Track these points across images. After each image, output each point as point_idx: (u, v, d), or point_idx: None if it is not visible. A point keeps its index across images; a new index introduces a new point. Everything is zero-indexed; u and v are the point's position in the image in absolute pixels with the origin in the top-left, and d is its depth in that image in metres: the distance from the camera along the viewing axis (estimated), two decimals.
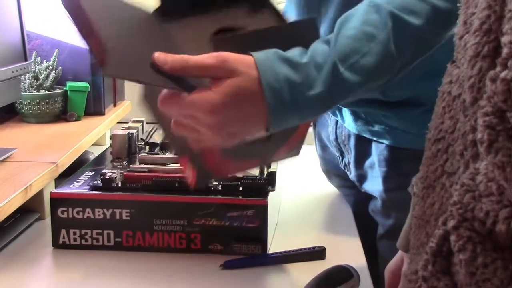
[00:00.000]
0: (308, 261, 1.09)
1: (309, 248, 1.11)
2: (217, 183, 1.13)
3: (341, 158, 1.27)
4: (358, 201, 1.34)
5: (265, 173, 1.16)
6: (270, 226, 1.12)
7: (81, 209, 1.11)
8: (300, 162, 1.67)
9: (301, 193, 1.45)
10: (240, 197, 1.10)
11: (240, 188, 1.12)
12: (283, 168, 1.40)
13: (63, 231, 1.12)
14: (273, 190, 1.13)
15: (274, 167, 1.20)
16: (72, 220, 1.11)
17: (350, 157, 1.23)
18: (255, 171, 1.15)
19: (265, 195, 1.11)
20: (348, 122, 1.18)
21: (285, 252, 1.10)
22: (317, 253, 1.10)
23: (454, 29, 0.63)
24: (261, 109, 0.78)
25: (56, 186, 1.23)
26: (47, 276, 0.99)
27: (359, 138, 1.18)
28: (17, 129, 1.58)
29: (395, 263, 1.03)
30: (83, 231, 1.12)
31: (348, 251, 1.14)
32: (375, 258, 1.21)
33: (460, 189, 0.50)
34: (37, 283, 0.96)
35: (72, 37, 1.67)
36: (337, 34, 0.84)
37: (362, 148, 1.19)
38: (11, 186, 1.15)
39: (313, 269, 1.00)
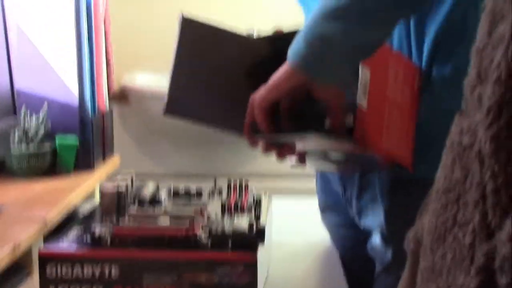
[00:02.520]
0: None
1: None
2: (206, 238, 1.12)
3: (343, 192, 1.28)
4: (354, 243, 1.34)
5: (255, 228, 1.16)
6: (259, 280, 1.12)
7: (70, 266, 1.10)
8: (289, 216, 1.67)
9: (291, 246, 1.44)
10: (230, 253, 1.10)
11: (230, 244, 1.12)
12: (273, 222, 1.40)
13: None
14: (263, 245, 1.13)
15: (263, 220, 1.20)
16: (61, 278, 1.10)
17: (353, 191, 1.24)
18: (245, 226, 1.15)
19: (255, 250, 1.11)
20: None
21: None
22: None
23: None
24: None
25: (45, 242, 1.22)
26: None
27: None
28: (5, 184, 1.58)
29: None
30: None
31: None
32: None
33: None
34: None
35: (61, 92, 1.67)
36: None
37: (365, 181, 1.20)
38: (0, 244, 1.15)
39: None
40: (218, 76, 1.14)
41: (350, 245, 1.36)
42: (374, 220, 1.19)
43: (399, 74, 1.08)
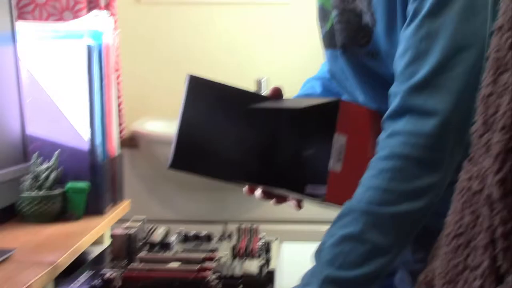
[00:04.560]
0: None
1: None
2: (216, 282, 1.12)
3: None
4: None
5: (264, 271, 1.16)
6: None
7: None
8: (299, 261, 1.66)
9: None
10: None
11: (241, 286, 1.11)
12: (284, 268, 1.39)
13: None
14: None
15: (273, 265, 1.20)
16: None
17: None
18: (255, 269, 1.15)
19: None
20: None
21: None
22: None
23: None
24: None
25: (55, 286, 1.22)
26: None
27: None
28: (16, 229, 1.58)
29: None
30: None
31: None
32: None
33: None
34: None
35: (72, 137, 1.69)
36: (319, 250, 1.01)
37: None
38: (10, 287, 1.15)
39: None
40: (223, 130, 1.19)
41: None
42: (401, 257, 1.21)
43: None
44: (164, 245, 1.30)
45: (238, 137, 1.20)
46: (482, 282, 0.55)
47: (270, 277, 1.14)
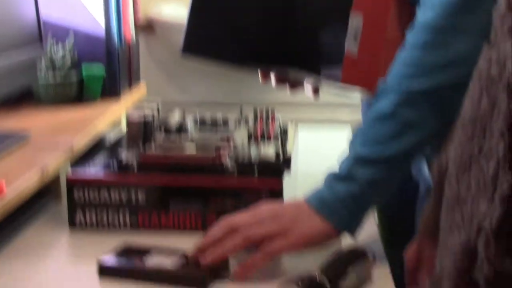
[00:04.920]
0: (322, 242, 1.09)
1: None
2: (232, 166, 1.13)
3: None
4: None
5: (281, 156, 1.16)
6: None
7: (97, 192, 1.11)
8: (315, 146, 1.67)
9: (317, 175, 1.44)
10: (256, 180, 1.10)
11: (256, 172, 1.12)
12: (300, 152, 1.39)
13: (79, 213, 1.12)
14: (289, 173, 1.13)
15: (290, 149, 1.20)
16: (88, 203, 1.12)
17: None
18: (272, 154, 1.15)
19: (281, 178, 1.11)
20: None
21: None
22: None
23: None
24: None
25: (72, 169, 1.23)
26: (64, 257, 1.00)
27: None
28: (33, 112, 1.59)
29: (415, 248, 1.03)
30: (99, 213, 1.12)
31: (363, 232, 1.13)
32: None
33: None
34: (55, 264, 0.97)
35: (87, 22, 1.67)
36: (354, 133, 1.01)
37: None
38: (28, 169, 1.16)
39: (328, 249, 1.00)
40: (236, 9, 1.15)
41: None
42: None
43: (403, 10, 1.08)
44: (180, 128, 1.29)
45: (252, 15, 1.17)
46: (496, 169, 0.55)
47: (286, 161, 1.14)
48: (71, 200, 1.12)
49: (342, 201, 0.97)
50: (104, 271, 0.97)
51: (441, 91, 0.95)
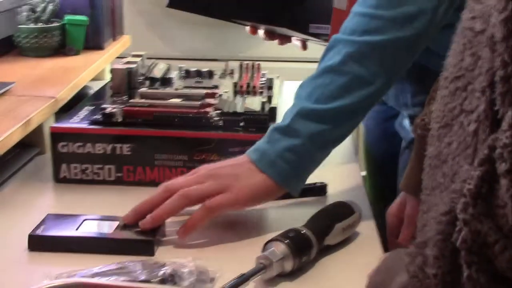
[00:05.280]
0: (308, 197, 1.09)
1: (310, 184, 1.10)
2: (217, 118, 1.12)
3: None
4: (384, 118, 1.37)
5: (266, 108, 1.15)
6: None
7: (81, 143, 1.10)
8: None
9: None
10: (241, 133, 1.10)
11: (241, 124, 1.11)
12: (285, 106, 1.39)
13: (64, 166, 1.11)
14: None
15: (275, 102, 1.19)
16: (73, 155, 1.11)
17: None
18: (257, 106, 1.14)
19: (266, 130, 1.10)
20: None
21: None
22: (318, 189, 1.10)
23: None
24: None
25: (56, 121, 1.22)
26: (49, 210, 0.99)
27: None
28: (15, 63, 1.56)
29: (397, 206, 1.03)
30: (84, 166, 1.11)
31: (349, 187, 1.14)
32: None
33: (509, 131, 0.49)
34: (39, 217, 0.96)
35: None
36: (300, 86, 0.99)
37: None
38: (11, 120, 1.15)
39: (313, 205, 1.00)
40: None
41: (381, 120, 1.37)
42: (399, 99, 1.21)
43: None
44: (165, 80, 1.28)
45: None
46: (476, 127, 0.54)
47: (272, 113, 1.13)
48: (55, 153, 1.11)
49: (281, 154, 0.94)
50: (35, 243, 0.91)
51: (392, 46, 0.94)
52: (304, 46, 1.29)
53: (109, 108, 1.13)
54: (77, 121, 1.13)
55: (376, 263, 0.67)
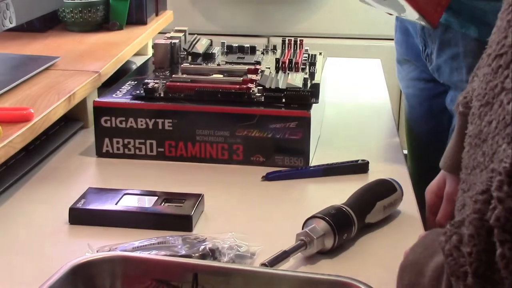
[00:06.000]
0: (350, 174, 1.08)
1: (351, 161, 1.10)
2: (259, 94, 1.11)
3: (424, 48, 1.28)
4: (431, 96, 1.35)
5: (309, 85, 1.14)
6: (312, 138, 1.11)
7: (124, 118, 1.11)
8: (344, 75, 1.65)
9: (344, 106, 1.43)
10: (283, 109, 1.09)
11: (283, 100, 1.10)
12: (328, 83, 1.38)
13: (107, 140, 1.12)
14: (317, 102, 1.12)
15: (318, 79, 1.18)
16: (115, 129, 1.11)
17: (433, 47, 1.23)
18: (299, 83, 1.14)
19: (308, 107, 1.10)
20: None
21: (327, 165, 1.09)
22: (360, 167, 1.09)
23: None
24: None
25: (99, 96, 1.23)
26: (90, 184, 1.00)
27: (446, 28, 1.18)
28: (59, 37, 1.57)
29: (437, 184, 1.02)
30: (126, 141, 1.12)
31: (391, 165, 1.13)
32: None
33: None
34: (81, 191, 0.97)
35: None
36: None
37: (447, 39, 1.19)
38: (55, 94, 1.16)
39: (355, 183, 0.99)
40: None
41: (426, 98, 1.36)
42: (454, 76, 1.20)
43: None
44: (207, 56, 1.28)
45: None
46: None
47: (314, 90, 1.12)
48: (98, 127, 1.12)
49: None
50: (75, 216, 0.92)
51: None
52: None
53: (151, 83, 1.13)
54: (120, 96, 1.14)
55: None
